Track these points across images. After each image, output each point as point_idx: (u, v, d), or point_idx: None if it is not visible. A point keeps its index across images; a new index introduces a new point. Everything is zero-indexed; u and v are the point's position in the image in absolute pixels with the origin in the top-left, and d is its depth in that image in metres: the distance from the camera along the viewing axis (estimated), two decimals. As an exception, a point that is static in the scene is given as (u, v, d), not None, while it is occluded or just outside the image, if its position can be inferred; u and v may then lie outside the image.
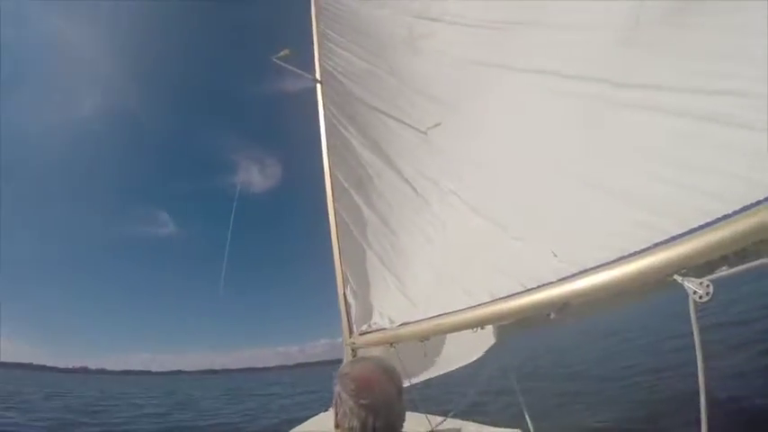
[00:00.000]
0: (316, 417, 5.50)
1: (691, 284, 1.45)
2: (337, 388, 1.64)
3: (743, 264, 1.43)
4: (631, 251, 1.73)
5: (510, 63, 2.93)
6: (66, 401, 25.54)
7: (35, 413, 17.67)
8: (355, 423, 1.51)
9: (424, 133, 3.68)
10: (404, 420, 1.65)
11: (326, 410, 5.62)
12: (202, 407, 24.24)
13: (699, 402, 1.50)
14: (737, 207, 1.44)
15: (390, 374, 1.66)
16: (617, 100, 2.15)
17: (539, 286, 2.10)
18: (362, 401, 1.52)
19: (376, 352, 3.63)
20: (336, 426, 1.61)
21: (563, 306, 1.96)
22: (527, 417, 3.28)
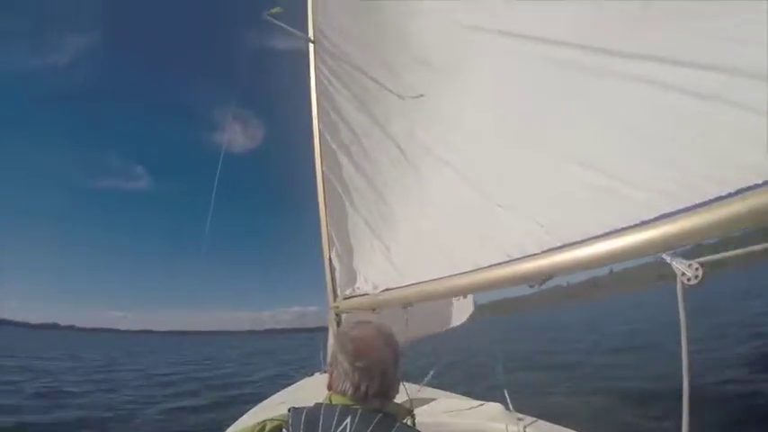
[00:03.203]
0: (302, 381, 5.54)
1: (679, 265, 1.43)
2: (334, 349, 1.64)
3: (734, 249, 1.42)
4: (619, 227, 1.70)
5: (508, 29, 2.81)
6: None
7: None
8: (348, 386, 1.50)
9: (417, 97, 3.60)
10: (398, 390, 1.64)
11: (312, 375, 5.68)
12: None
13: (681, 387, 1.50)
14: (732, 189, 1.40)
15: (389, 340, 1.64)
16: (612, 71, 2.07)
17: (523, 257, 2.08)
18: (358, 364, 1.51)
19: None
20: (329, 387, 1.60)
21: (546, 279, 1.94)
22: (506, 392, 3.29)
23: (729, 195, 1.39)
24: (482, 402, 3.40)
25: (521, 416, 3.18)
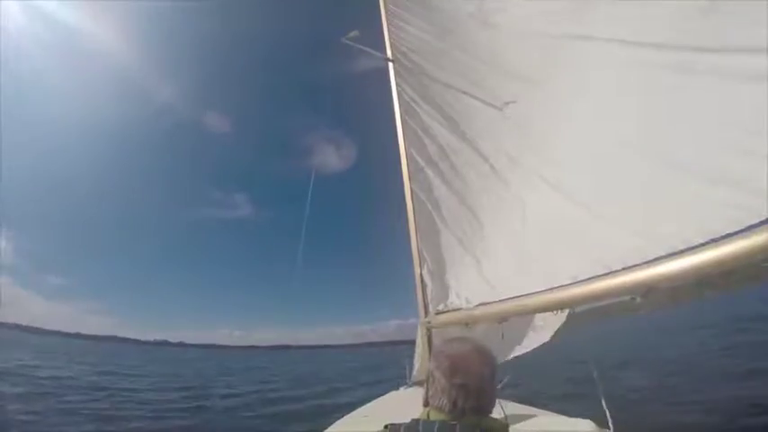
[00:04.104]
0: (387, 395, 5.53)
1: None
2: (431, 365, 1.63)
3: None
4: (723, 233, 1.62)
5: (588, 34, 2.81)
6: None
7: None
8: (445, 402, 1.49)
9: (501, 109, 3.58)
10: (494, 404, 1.62)
11: (398, 389, 5.66)
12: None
13: None
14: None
15: (485, 356, 1.63)
16: (703, 68, 2.00)
17: (624, 268, 2.02)
18: (456, 381, 1.50)
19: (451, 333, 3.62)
20: (425, 403, 1.61)
21: (649, 290, 1.88)
22: (605, 408, 3.16)
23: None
24: (576, 420, 3.28)
25: None
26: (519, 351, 4.53)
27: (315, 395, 18.21)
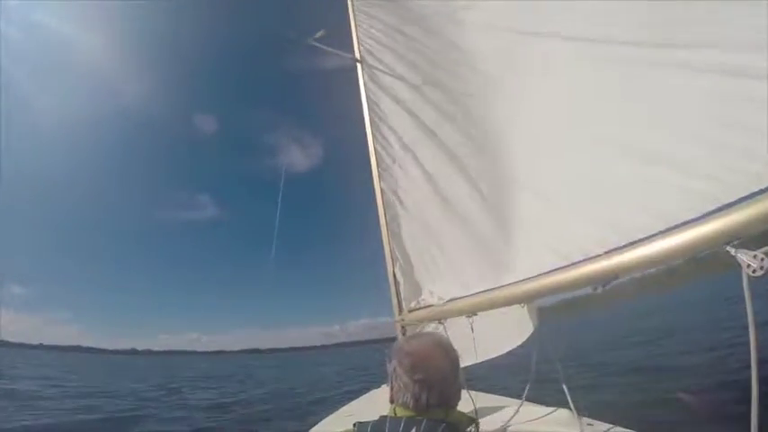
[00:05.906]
0: (369, 393, 5.54)
1: (744, 257, 1.36)
2: (393, 363, 1.65)
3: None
4: (681, 221, 1.65)
5: (551, 31, 2.80)
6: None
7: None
8: (409, 398, 1.51)
9: (467, 105, 3.61)
10: (459, 397, 1.65)
11: (380, 387, 5.67)
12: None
13: (750, 384, 1.43)
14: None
15: (446, 350, 1.65)
16: (657, 61, 2.03)
17: (585, 259, 2.05)
18: (417, 377, 1.52)
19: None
20: (391, 400, 1.62)
21: (611, 280, 1.89)
22: (568, 397, 3.19)
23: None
24: (551, 409, 3.30)
25: (591, 421, 3.06)
26: (495, 353, 4.55)
27: (296, 395, 18.03)
